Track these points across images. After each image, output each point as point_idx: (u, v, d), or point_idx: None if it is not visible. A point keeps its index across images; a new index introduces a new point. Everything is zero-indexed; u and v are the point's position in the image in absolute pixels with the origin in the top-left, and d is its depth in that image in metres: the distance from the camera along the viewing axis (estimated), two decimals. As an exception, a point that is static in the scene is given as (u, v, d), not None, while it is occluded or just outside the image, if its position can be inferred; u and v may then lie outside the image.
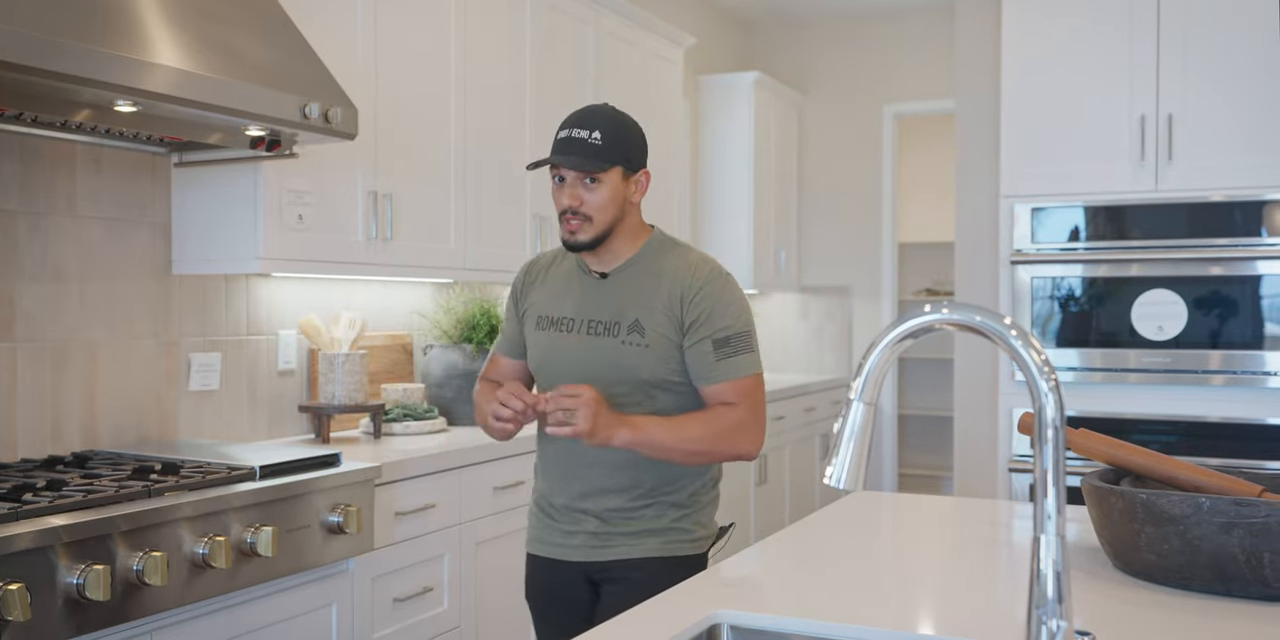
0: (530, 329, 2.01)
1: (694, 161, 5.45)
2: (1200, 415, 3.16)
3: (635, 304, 1.91)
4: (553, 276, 2.03)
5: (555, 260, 2.05)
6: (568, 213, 1.88)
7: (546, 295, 2.01)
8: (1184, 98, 3.18)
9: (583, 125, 1.89)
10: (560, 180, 1.90)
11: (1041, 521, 0.92)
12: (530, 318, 2.02)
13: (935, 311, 1.01)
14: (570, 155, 1.86)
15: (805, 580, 1.54)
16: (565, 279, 2.00)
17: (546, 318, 1.98)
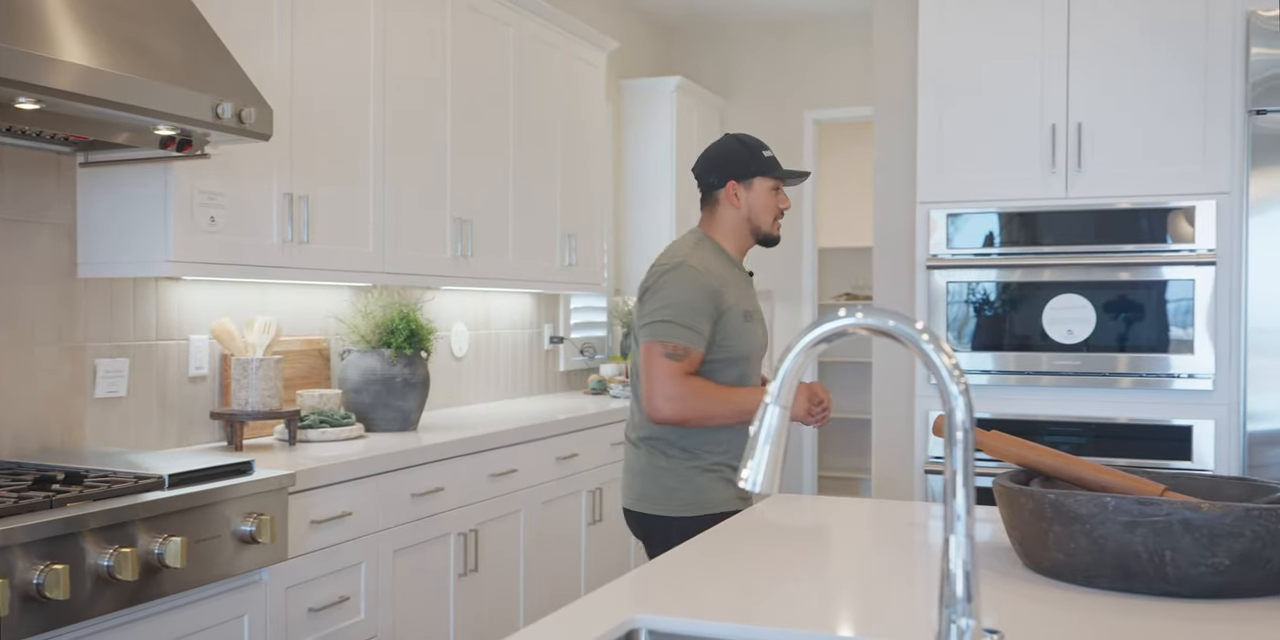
0: (736, 323, 2.30)
1: (616, 165, 5.46)
2: (1109, 416, 3.25)
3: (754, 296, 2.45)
4: (727, 274, 2.35)
5: (713, 262, 2.34)
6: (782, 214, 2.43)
7: (739, 291, 2.35)
8: (1093, 108, 3.27)
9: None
10: (776, 191, 2.41)
11: (951, 522, 0.93)
12: (734, 314, 2.30)
13: (849, 316, 1.02)
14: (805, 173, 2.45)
15: (724, 583, 1.55)
16: (740, 277, 2.39)
17: (748, 311, 2.35)
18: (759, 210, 2.40)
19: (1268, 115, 3.02)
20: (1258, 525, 1.39)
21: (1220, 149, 3.15)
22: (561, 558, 3.64)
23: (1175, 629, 1.31)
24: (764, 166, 2.39)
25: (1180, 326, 3.15)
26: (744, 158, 2.40)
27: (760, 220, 2.41)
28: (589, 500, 3.80)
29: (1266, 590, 1.44)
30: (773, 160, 2.41)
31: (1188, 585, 1.43)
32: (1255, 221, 3.01)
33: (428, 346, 3.23)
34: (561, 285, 4.29)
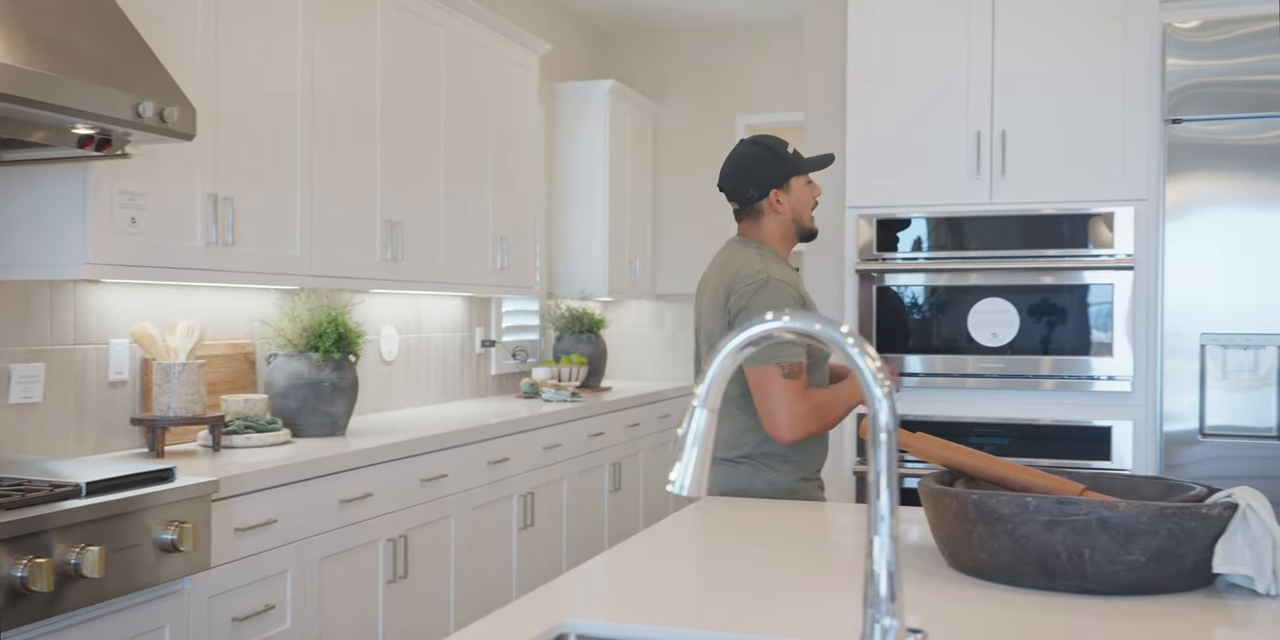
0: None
1: (550, 168, 5.45)
2: (1033, 418, 3.31)
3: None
4: (797, 281, 2.34)
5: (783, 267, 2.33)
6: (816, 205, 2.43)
7: (809, 299, 2.35)
8: (1017, 116, 3.34)
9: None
10: (809, 185, 2.40)
11: (875, 523, 0.94)
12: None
13: (776, 320, 1.03)
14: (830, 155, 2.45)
15: (654, 587, 1.55)
16: (799, 280, 2.36)
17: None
18: (800, 208, 2.40)
19: (1183, 124, 3.10)
20: (1171, 523, 1.43)
21: (1138, 157, 3.23)
22: (493, 563, 3.61)
23: (1093, 626, 1.34)
24: (795, 165, 2.39)
25: (1100, 330, 3.23)
26: (775, 164, 2.38)
27: (803, 218, 2.41)
28: (521, 504, 3.78)
29: (1180, 586, 1.48)
30: (798, 155, 2.41)
31: (1105, 582, 1.46)
32: (1171, 227, 3.10)
33: (356, 350, 3.19)
34: (493, 288, 4.27)
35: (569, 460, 4.19)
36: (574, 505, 4.26)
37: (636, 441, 4.95)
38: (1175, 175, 3.10)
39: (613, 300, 5.95)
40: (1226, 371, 3.05)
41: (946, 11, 3.41)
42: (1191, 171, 3.08)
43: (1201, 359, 3.06)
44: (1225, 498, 1.50)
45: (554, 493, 4.09)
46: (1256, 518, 1.45)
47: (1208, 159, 3.07)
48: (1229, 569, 1.46)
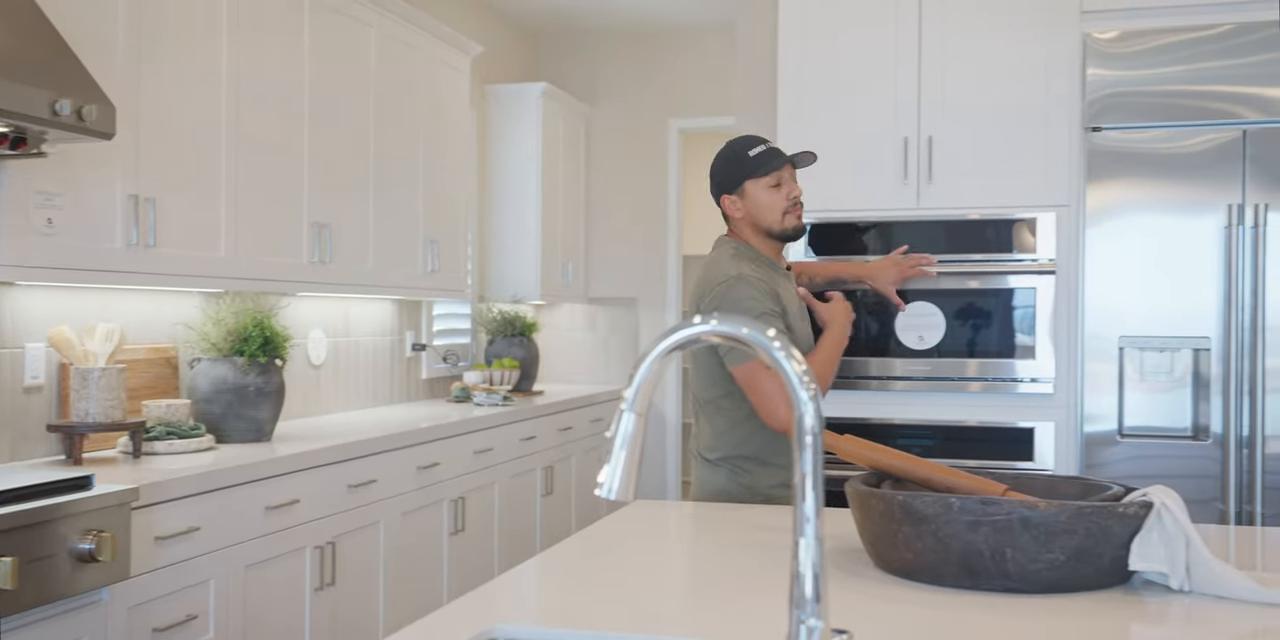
0: (796, 323, 2.34)
1: (482, 171, 5.41)
2: (959, 419, 3.37)
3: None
4: (775, 279, 2.34)
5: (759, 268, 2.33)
6: (797, 203, 2.35)
7: (788, 293, 2.36)
8: (943, 122, 3.39)
9: (766, 140, 2.38)
10: (776, 185, 2.33)
11: (801, 524, 0.95)
12: (790, 314, 2.33)
13: (704, 324, 1.03)
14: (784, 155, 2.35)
15: (584, 591, 1.54)
16: (784, 279, 2.38)
17: (799, 310, 2.38)
18: (760, 212, 2.35)
19: (1103, 132, 3.18)
20: (1090, 522, 1.46)
21: (1060, 164, 3.30)
22: (423, 569, 3.58)
23: (1015, 624, 1.37)
24: (748, 169, 2.33)
25: (1024, 333, 3.29)
26: (730, 168, 2.37)
27: (765, 221, 2.35)
28: (451, 510, 3.75)
29: (1098, 583, 1.52)
30: (760, 157, 2.33)
31: (1027, 581, 1.49)
32: (1091, 233, 3.17)
33: (283, 354, 3.14)
34: (423, 292, 4.23)
35: (500, 464, 4.17)
36: (505, 510, 4.23)
37: (569, 445, 4.93)
38: (1095, 182, 3.17)
39: (545, 303, 5.93)
40: (1144, 373, 3.13)
41: (875, 19, 3.45)
42: (1111, 178, 3.16)
43: (1120, 361, 3.14)
44: (1141, 497, 1.54)
45: (485, 497, 4.06)
46: (1170, 516, 1.49)
47: (1126, 166, 3.15)
48: (1144, 566, 1.50)
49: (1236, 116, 3.09)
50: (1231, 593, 1.47)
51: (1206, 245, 3.08)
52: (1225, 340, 3.04)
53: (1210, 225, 3.07)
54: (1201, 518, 3.00)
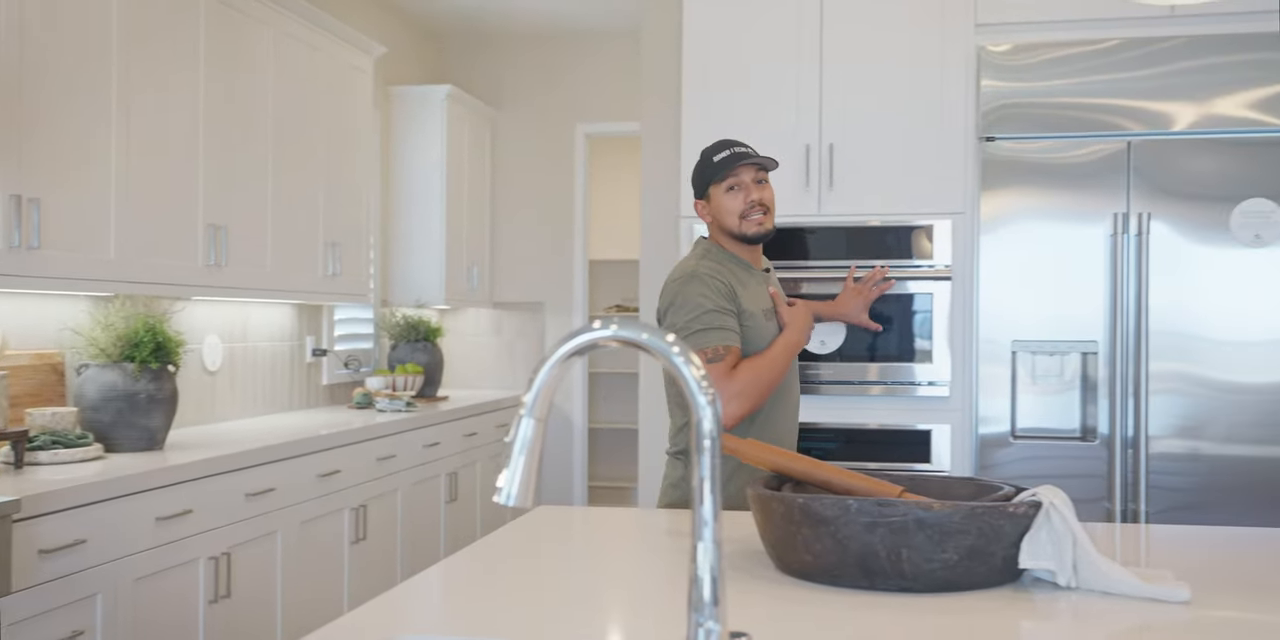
0: (757, 320, 2.31)
1: (385, 173, 5.34)
2: (860, 422, 3.43)
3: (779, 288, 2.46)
4: (740, 277, 2.34)
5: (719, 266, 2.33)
6: (754, 207, 2.32)
7: (753, 292, 2.34)
8: (844, 131, 3.45)
9: (738, 144, 2.36)
10: (732, 189, 2.32)
11: (699, 528, 0.95)
12: (753, 313, 2.31)
13: (603, 328, 1.03)
14: (748, 157, 2.31)
15: (487, 598, 1.53)
16: (752, 277, 2.37)
17: (765, 310, 2.35)
18: (721, 216, 2.37)
19: (996, 142, 3.27)
20: (982, 522, 1.50)
21: (955, 172, 3.39)
22: (323, 579, 3.51)
23: (910, 622, 1.40)
24: (709, 174, 2.36)
25: (922, 337, 3.37)
26: (697, 173, 2.41)
27: (725, 224, 2.36)
28: (352, 518, 3.69)
29: (990, 582, 1.55)
30: (720, 162, 2.34)
31: (922, 580, 1.52)
32: (985, 240, 3.26)
33: (176, 360, 3.05)
34: (324, 296, 4.15)
35: (403, 471, 4.11)
36: (409, 517, 4.17)
37: (473, 451, 4.89)
38: (989, 190, 3.26)
39: (450, 308, 5.88)
40: (1035, 377, 3.23)
41: (777, 28, 3.50)
42: (1004, 187, 3.25)
43: (1013, 365, 3.23)
44: (1030, 497, 1.58)
45: (388, 505, 4.00)
46: (1059, 515, 1.54)
47: (1018, 175, 3.24)
48: (1034, 564, 1.54)
49: (1122, 128, 3.21)
50: (1116, 589, 1.52)
51: (1094, 252, 3.19)
52: (1111, 344, 3.15)
53: (1097, 233, 3.18)
54: (1089, 516, 3.11)
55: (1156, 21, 3.29)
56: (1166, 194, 3.15)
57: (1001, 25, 3.38)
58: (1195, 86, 3.18)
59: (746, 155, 2.33)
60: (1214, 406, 3.11)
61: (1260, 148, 3.12)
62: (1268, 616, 1.45)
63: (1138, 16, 3.29)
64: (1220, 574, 1.69)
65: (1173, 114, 3.19)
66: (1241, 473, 3.09)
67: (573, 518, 2.20)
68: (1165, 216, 3.15)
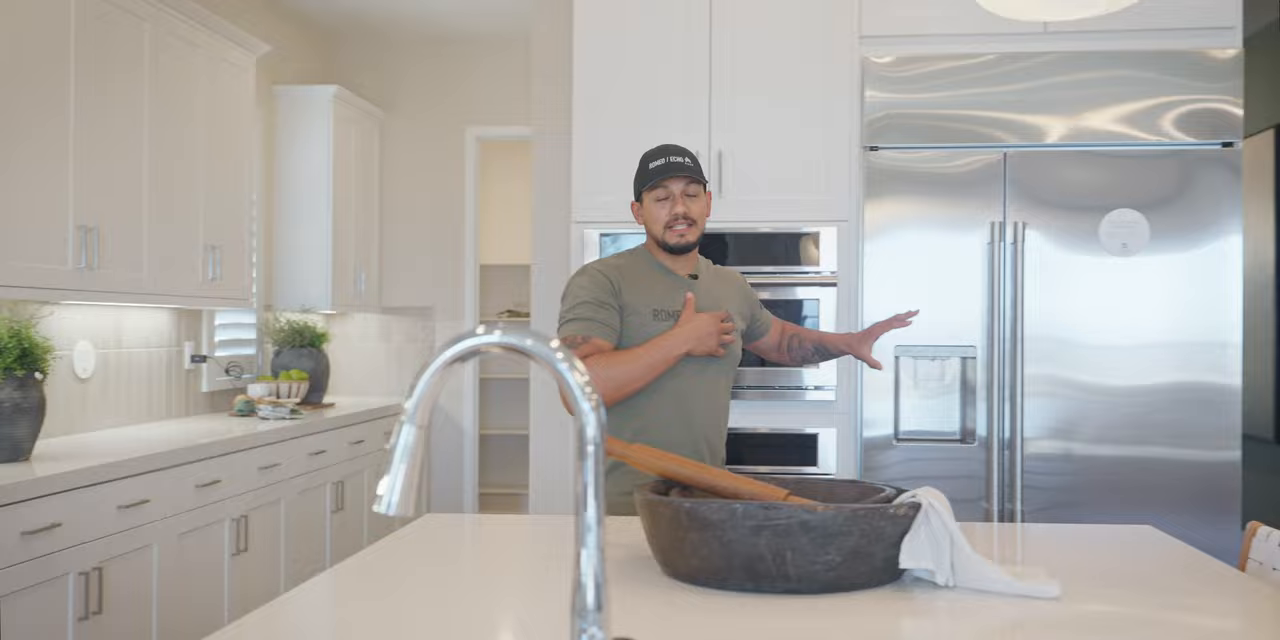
0: (644, 320, 2.31)
1: (269, 175, 5.21)
2: (750, 427, 3.46)
3: (723, 298, 2.46)
4: (641, 276, 2.36)
5: (627, 266, 2.37)
6: (677, 219, 2.33)
7: (652, 291, 2.34)
8: (733, 139, 3.49)
9: (676, 153, 2.36)
10: (661, 200, 2.33)
11: (582, 534, 0.95)
12: (639, 311, 2.31)
13: (487, 334, 1.02)
14: (684, 171, 2.32)
15: (373, 608, 1.50)
16: (662, 279, 2.38)
17: (664, 310, 2.33)
18: (648, 223, 2.38)
19: (879, 151, 3.35)
20: (864, 524, 1.53)
21: (841, 180, 3.46)
22: (202, 592, 3.39)
23: (794, 624, 1.41)
24: (641, 182, 2.38)
25: (809, 342, 3.42)
26: (635, 179, 2.41)
27: (652, 231, 2.38)
28: (233, 529, 3.58)
29: (872, 582, 1.59)
30: (655, 170, 2.34)
31: (806, 582, 1.54)
32: (869, 247, 3.33)
33: (44, 367, 2.93)
34: (204, 300, 4.03)
35: (287, 480, 4.01)
36: (293, 527, 4.07)
37: (360, 459, 4.80)
38: (873, 199, 3.33)
39: (336, 313, 5.76)
40: (917, 381, 3.31)
41: (667, 34, 3.53)
42: (887, 195, 3.33)
43: (896, 369, 3.31)
44: (910, 498, 1.62)
45: (271, 515, 3.89)
46: (937, 516, 1.58)
47: (901, 184, 3.32)
48: (913, 564, 1.58)
49: (998, 140, 3.32)
50: (991, 586, 1.57)
51: (972, 260, 3.29)
52: (989, 349, 3.25)
53: (975, 241, 3.28)
54: (968, 516, 3.20)
55: (1031, 38, 3.42)
56: (1040, 204, 3.26)
57: (885, 38, 3.47)
58: (1067, 101, 3.30)
59: (680, 168, 2.32)
60: (1085, 408, 3.23)
61: (1127, 161, 3.26)
62: (1133, 609, 1.51)
63: (1013, 32, 3.40)
64: (1089, 570, 1.76)
65: (1046, 127, 3.31)
66: (1110, 472, 3.22)
67: (461, 525, 2.17)
68: (1039, 226, 3.26)
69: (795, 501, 1.64)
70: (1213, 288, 3.21)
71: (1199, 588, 1.64)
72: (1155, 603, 1.55)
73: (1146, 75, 3.27)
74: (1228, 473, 3.18)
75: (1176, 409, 3.20)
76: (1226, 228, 3.21)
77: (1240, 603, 1.58)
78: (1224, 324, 3.20)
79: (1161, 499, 3.20)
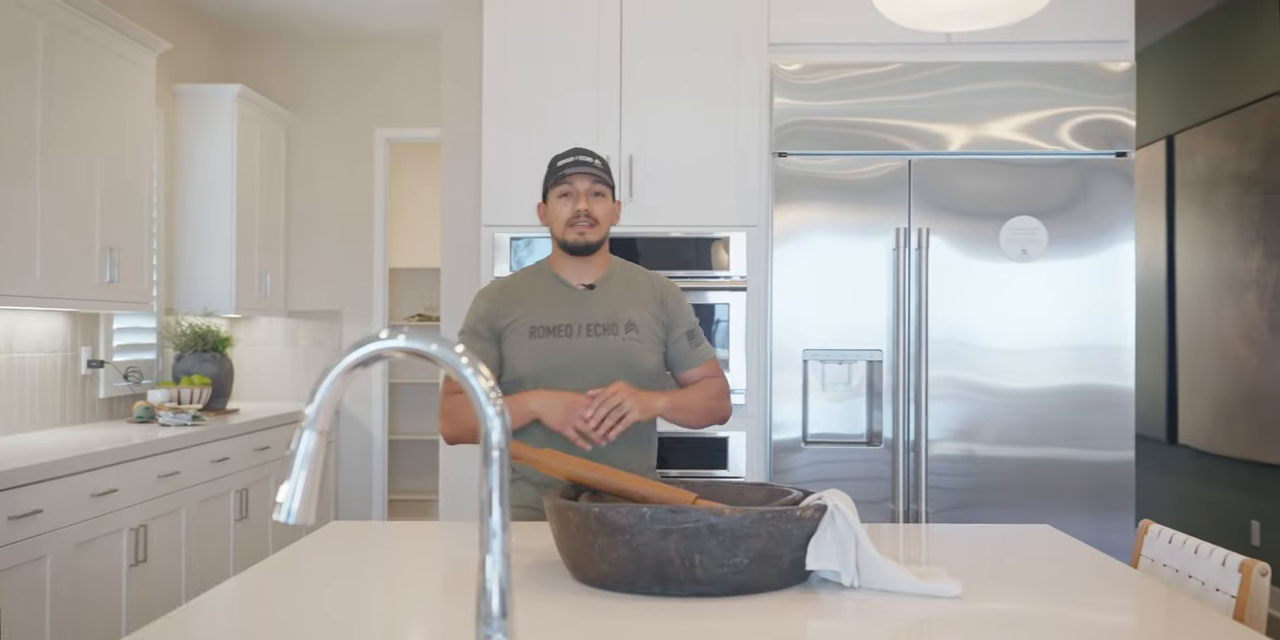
0: (521, 339, 2.25)
1: (171, 175, 5.07)
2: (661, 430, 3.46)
3: (625, 307, 2.30)
4: (529, 292, 2.30)
5: (519, 283, 2.33)
6: (580, 216, 2.25)
7: (532, 309, 2.27)
8: (644, 143, 3.50)
9: (585, 154, 2.30)
10: (565, 196, 2.26)
11: (487, 540, 0.94)
12: (518, 330, 2.26)
13: (391, 338, 1.00)
14: (588, 168, 2.26)
15: (276, 618, 1.46)
16: (549, 293, 2.30)
17: (542, 327, 2.26)
18: (551, 222, 2.31)
19: (788, 158, 3.39)
20: (771, 526, 1.55)
21: (751, 186, 3.49)
22: (99, 605, 3.28)
23: (703, 626, 1.42)
24: (549, 179, 2.31)
25: (721, 347, 3.45)
26: (545, 178, 2.33)
27: (554, 229, 2.31)
28: (132, 539, 3.47)
29: (780, 584, 1.60)
30: (562, 167, 2.28)
31: (714, 584, 1.55)
32: (778, 252, 3.37)
33: (-73, 373, 2.80)
34: (101, 304, 3.90)
35: (189, 488, 3.91)
36: (195, 537, 3.96)
37: (266, 466, 4.70)
38: (782, 204, 3.37)
39: (241, 317, 5.63)
40: (825, 384, 3.35)
41: (578, 40, 3.52)
42: (796, 201, 3.37)
43: (804, 373, 3.35)
44: (817, 500, 1.64)
45: (171, 524, 3.79)
46: (843, 518, 1.60)
47: (808, 190, 3.37)
48: (819, 565, 1.60)
49: (903, 148, 3.39)
50: (895, 586, 1.60)
51: (879, 265, 3.34)
52: (895, 352, 3.31)
53: (881, 247, 3.34)
54: (875, 517, 3.25)
55: (935, 48, 3.49)
56: (944, 211, 3.34)
57: (793, 45, 3.51)
58: (970, 110, 3.38)
59: (587, 165, 2.27)
60: (987, 411, 3.31)
61: (1026, 169, 3.35)
62: (1031, 607, 1.55)
63: (918, 42, 3.48)
64: (990, 569, 1.80)
65: (949, 135, 3.39)
66: (1011, 472, 3.30)
67: (369, 532, 2.14)
68: (943, 232, 3.33)
69: (703, 505, 1.65)
70: (1108, 293, 3.32)
71: (1094, 585, 1.69)
72: (1052, 600, 1.59)
73: (1045, 86, 3.37)
74: (1122, 473, 3.29)
75: (1074, 411, 3.30)
76: (1120, 235, 3.32)
77: (1133, 599, 1.63)
78: (1118, 328, 3.31)
79: (1060, 498, 3.29)
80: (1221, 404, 5.14)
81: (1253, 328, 4.88)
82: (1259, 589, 1.66)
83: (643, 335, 2.29)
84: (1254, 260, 4.89)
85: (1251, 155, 4.91)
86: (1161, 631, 1.50)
